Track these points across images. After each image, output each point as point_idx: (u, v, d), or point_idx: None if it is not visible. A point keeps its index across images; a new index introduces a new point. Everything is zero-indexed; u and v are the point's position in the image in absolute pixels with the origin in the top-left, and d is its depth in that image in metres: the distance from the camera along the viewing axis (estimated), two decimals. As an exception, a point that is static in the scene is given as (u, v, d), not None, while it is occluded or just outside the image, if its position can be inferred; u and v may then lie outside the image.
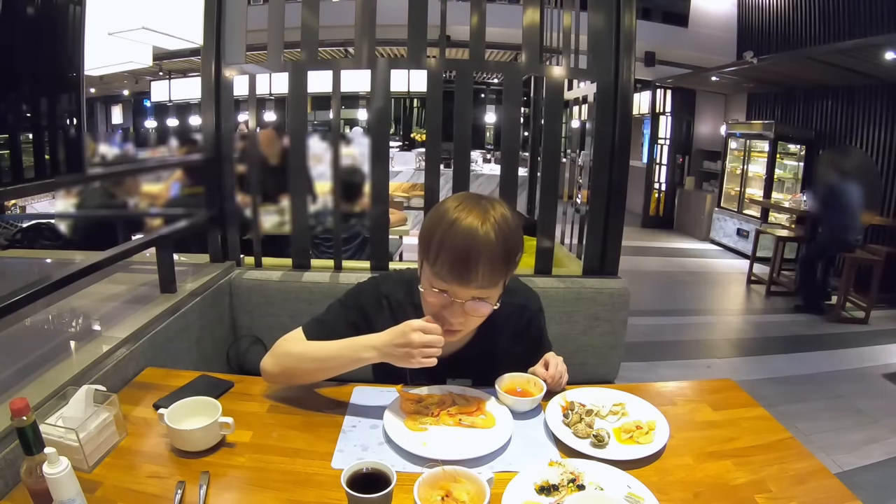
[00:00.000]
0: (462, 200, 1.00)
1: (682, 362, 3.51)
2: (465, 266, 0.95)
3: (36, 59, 1.26)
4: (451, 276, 0.96)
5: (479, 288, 0.98)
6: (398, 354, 0.99)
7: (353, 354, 1.03)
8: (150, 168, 2.43)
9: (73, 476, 0.75)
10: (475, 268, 0.95)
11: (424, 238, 1.01)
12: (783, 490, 0.89)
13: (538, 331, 1.26)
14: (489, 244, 0.95)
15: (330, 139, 1.80)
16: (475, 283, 0.97)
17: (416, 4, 1.70)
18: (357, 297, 1.18)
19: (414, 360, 0.97)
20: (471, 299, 0.99)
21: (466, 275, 0.95)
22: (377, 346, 1.01)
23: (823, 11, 5.86)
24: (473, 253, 0.94)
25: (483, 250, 0.94)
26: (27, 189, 1.31)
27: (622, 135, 1.75)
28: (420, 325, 0.97)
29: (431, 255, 0.98)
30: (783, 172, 6.52)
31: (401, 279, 1.20)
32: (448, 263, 0.95)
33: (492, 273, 0.97)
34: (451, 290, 0.99)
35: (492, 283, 0.99)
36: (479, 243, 0.94)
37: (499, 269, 0.98)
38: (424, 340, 0.96)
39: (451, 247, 0.95)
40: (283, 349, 1.12)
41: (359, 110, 10.49)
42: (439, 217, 0.99)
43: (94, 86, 10.65)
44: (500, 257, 0.97)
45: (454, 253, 0.95)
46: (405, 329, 0.98)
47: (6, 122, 1.18)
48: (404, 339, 0.97)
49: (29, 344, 1.28)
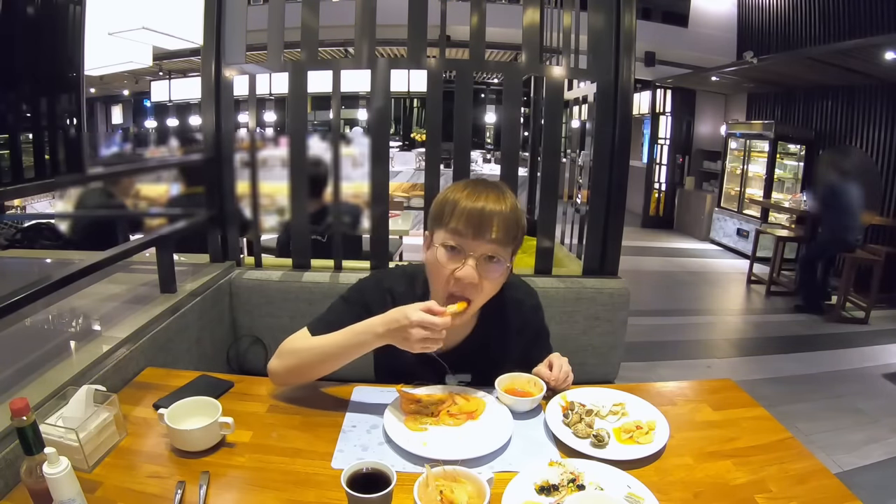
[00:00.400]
0: (472, 181, 1.09)
1: (682, 362, 3.51)
2: (480, 218, 1.00)
3: (36, 59, 1.26)
4: (467, 227, 1.00)
5: (493, 243, 1.01)
6: (396, 334, 0.98)
7: (356, 339, 1.03)
8: (150, 168, 2.43)
9: (73, 476, 0.75)
10: (490, 221, 1.00)
11: (437, 208, 1.06)
12: (783, 490, 0.89)
13: (537, 325, 1.26)
14: (502, 205, 1.02)
15: (330, 139, 1.80)
16: (490, 235, 1.00)
17: (416, 4, 1.70)
18: (360, 293, 1.19)
19: (411, 342, 0.96)
20: (484, 257, 1.01)
21: (482, 228, 1.00)
22: (378, 330, 1.00)
23: (823, 11, 5.86)
24: (487, 209, 1.00)
25: (496, 207, 1.01)
26: (27, 189, 1.31)
27: (622, 135, 1.75)
28: (418, 320, 0.95)
29: (446, 218, 1.03)
30: (783, 172, 6.52)
31: (403, 273, 1.21)
32: (465, 217, 1.00)
33: (505, 230, 1.02)
34: (466, 245, 1.01)
35: (505, 241, 1.02)
36: (492, 203, 1.01)
37: (511, 231, 1.03)
38: (422, 318, 0.94)
39: (467, 204, 1.01)
40: (289, 348, 1.12)
41: (359, 110, 10.49)
42: (451, 190, 1.06)
43: (94, 86, 10.65)
44: (511, 218, 1.02)
45: (470, 208, 1.00)
46: (404, 311, 0.97)
47: (6, 122, 1.18)
48: (404, 321, 0.96)
49: (29, 344, 1.28)
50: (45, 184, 1.32)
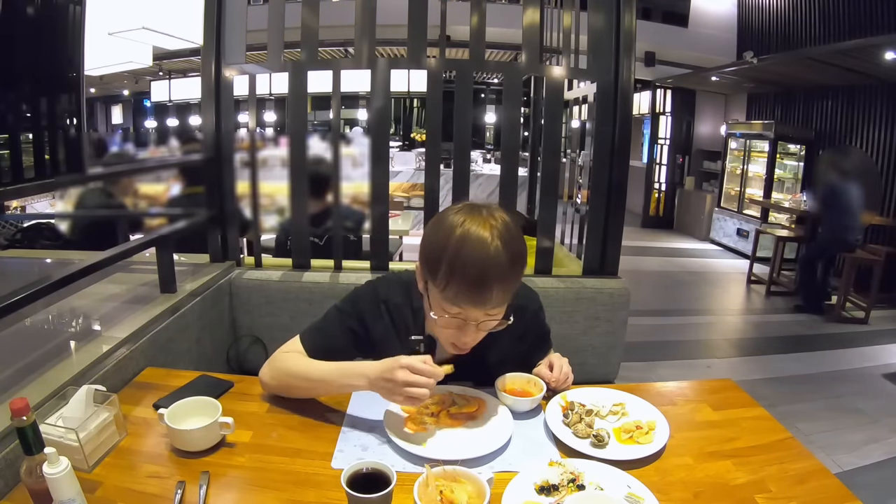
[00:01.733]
0: (464, 218, 0.96)
1: (682, 362, 3.51)
2: (479, 290, 0.93)
3: (36, 59, 1.26)
4: (466, 301, 0.95)
5: (494, 307, 0.98)
6: (384, 389, 0.96)
7: (345, 381, 1.03)
8: (150, 168, 2.43)
9: (73, 476, 0.75)
10: (489, 290, 0.93)
11: (431, 259, 0.97)
12: (783, 490, 0.89)
13: (539, 329, 1.26)
14: (500, 264, 0.92)
15: (330, 139, 1.80)
16: (490, 304, 0.96)
17: (416, 4, 1.70)
18: (355, 303, 1.17)
19: (397, 398, 0.96)
20: (484, 318, 0.99)
21: (481, 298, 0.94)
22: (368, 376, 0.98)
23: (823, 11, 5.86)
24: (486, 276, 0.92)
25: (495, 271, 0.92)
26: (27, 189, 1.31)
27: (622, 135, 1.75)
28: (407, 364, 0.94)
29: (441, 280, 0.95)
30: (783, 172, 6.52)
31: (399, 282, 1.19)
32: (463, 289, 0.93)
33: (505, 291, 0.97)
34: (465, 313, 0.98)
35: (505, 299, 0.99)
36: (491, 265, 0.92)
37: (511, 285, 0.98)
38: (408, 379, 0.93)
39: (463, 272, 0.92)
40: (281, 364, 1.11)
41: (359, 110, 10.49)
42: (444, 236, 0.95)
43: (94, 86, 10.66)
44: (511, 274, 0.96)
45: (468, 279, 0.92)
46: (392, 364, 0.95)
47: (6, 122, 1.18)
48: (390, 375, 0.94)
49: (29, 344, 1.28)
50: (45, 184, 1.32)
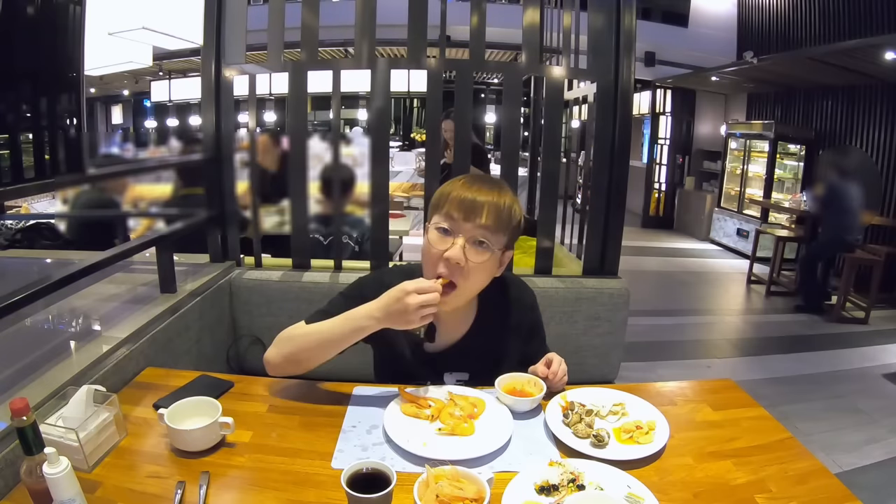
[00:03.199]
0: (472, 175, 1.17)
1: (682, 362, 3.51)
2: (472, 203, 1.05)
3: (36, 59, 1.26)
4: (458, 211, 1.05)
5: (483, 228, 1.04)
6: (397, 318, 1.00)
7: (353, 324, 1.04)
8: (150, 168, 2.43)
9: (73, 476, 0.75)
10: (481, 206, 1.05)
11: (435, 198, 1.11)
12: (783, 490, 0.89)
13: (533, 324, 1.27)
14: (494, 195, 1.07)
15: (330, 139, 1.80)
16: (479, 221, 1.04)
17: (416, 4, 1.70)
18: (360, 288, 1.19)
19: (413, 322, 0.99)
20: (473, 240, 1.04)
21: (472, 211, 1.04)
22: (375, 314, 1.02)
23: (823, 11, 5.86)
24: (480, 197, 1.05)
25: (489, 198, 1.06)
26: (27, 189, 1.31)
27: (622, 135, 1.75)
28: (415, 287, 0.98)
29: (441, 204, 1.08)
30: (783, 172, 6.51)
31: (402, 271, 1.21)
32: (457, 202, 1.05)
33: (496, 216, 1.05)
34: (456, 227, 1.05)
35: (495, 227, 1.05)
36: (486, 193, 1.06)
37: (502, 218, 1.06)
38: (420, 301, 0.97)
39: (462, 192, 1.06)
40: (285, 335, 1.13)
41: (359, 110, 10.50)
42: (451, 182, 1.12)
43: (94, 86, 10.66)
44: (504, 208, 1.07)
45: (463, 195, 1.06)
46: (399, 294, 0.99)
47: (6, 122, 1.19)
48: (401, 304, 0.98)
49: (29, 344, 1.28)
50: (45, 184, 1.32)
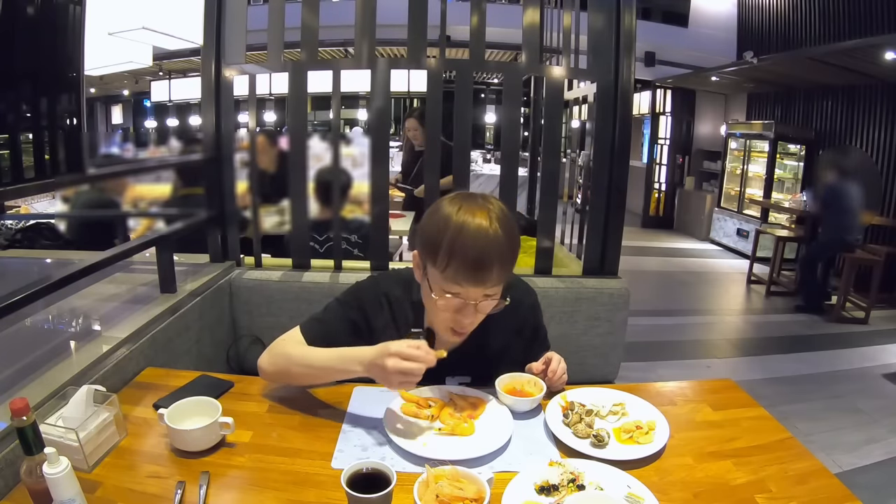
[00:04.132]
0: (461, 203, 1.00)
1: (682, 362, 3.51)
2: (480, 268, 0.97)
3: (36, 59, 1.26)
4: (465, 279, 0.98)
5: (493, 286, 1.01)
6: (376, 375, 0.98)
7: (342, 366, 1.04)
8: (150, 168, 2.42)
9: (73, 476, 0.75)
10: (490, 268, 0.97)
11: (430, 243, 1.00)
12: (783, 490, 0.89)
13: (534, 325, 1.27)
14: (499, 243, 0.97)
15: (330, 139, 1.80)
16: (490, 282, 1.00)
17: (416, 4, 1.69)
18: (356, 295, 1.19)
19: (392, 385, 0.98)
20: (483, 298, 1.02)
21: (482, 276, 0.98)
22: (362, 362, 1.00)
23: (823, 11, 5.86)
24: (486, 254, 0.96)
25: (495, 250, 0.97)
26: (27, 189, 1.31)
27: (622, 135, 1.75)
28: (397, 351, 0.95)
29: (441, 261, 0.98)
30: (783, 172, 6.52)
31: (399, 277, 1.21)
32: (463, 267, 0.97)
33: (503, 270, 1.00)
34: (464, 293, 1.00)
35: (503, 279, 1.03)
36: (490, 243, 0.96)
37: (508, 265, 1.02)
38: (398, 367, 0.94)
39: (464, 250, 0.96)
40: (280, 350, 1.12)
41: (359, 110, 10.49)
42: (443, 222, 0.99)
43: (94, 86, 10.65)
44: (508, 253, 1.00)
45: (468, 256, 0.96)
46: (382, 351, 0.96)
47: (6, 122, 1.18)
48: (381, 363, 0.96)
49: (29, 344, 1.28)
50: (45, 184, 1.32)
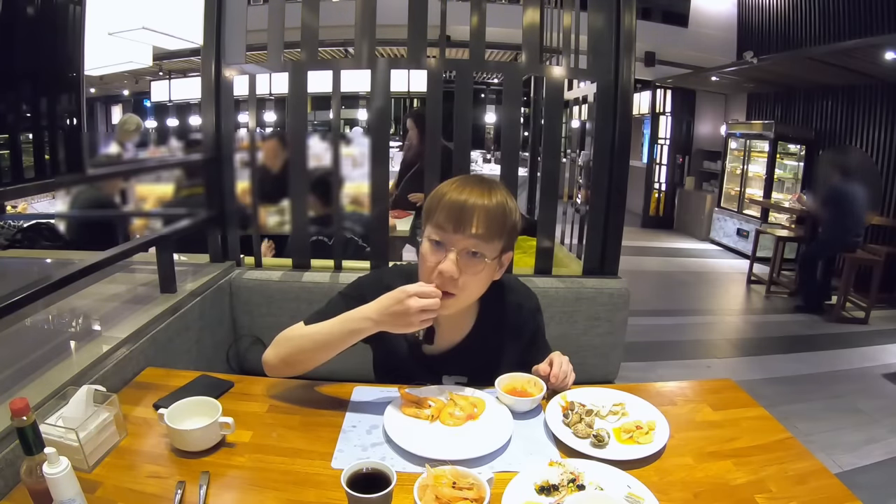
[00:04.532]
0: (464, 177, 1.12)
1: (682, 362, 3.51)
2: (461, 213, 1.01)
3: (36, 59, 1.26)
4: (447, 221, 1.02)
5: (474, 238, 1.01)
6: (396, 321, 0.99)
7: (350, 326, 1.04)
8: (151, 168, 2.42)
9: (73, 476, 0.75)
10: (471, 216, 1.01)
11: (428, 202, 1.07)
12: (783, 490, 0.89)
13: (535, 329, 1.26)
14: (485, 198, 1.03)
15: (330, 139, 1.80)
16: (470, 231, 1.01)
17: (416, 4, 1.70)
18: (359, 288, 1.19)
19: (413, 325, 0.98)
20: (465, 252, 1.02)
21: (462, 221, 1.01)
22: (372, 316, 1.01)
23: (823, 11, 5.86)
24: (470, 202, 1.02)
25: (479, 202, 1.02)
26: (27, 189, 1.31)
27: (622, 135, 1.75)
28: (416, 290, 0.98)
29: (433, 212, 1.04)
30: (783, 172, 6.51)
31: (401, 272, 1.22)
32: (446, 210, 1.02)
33: (487, 224, 1.01)
34: (448, 240, 1.02)
35: (487, 236, 1.02)
36: (476, 196, 1.03)
37: (494, 225, 1.03)
38: (421, 305, 0.97)
39: (451, 199, 1.03)
40: (283, 337, 1.13)
41: (359, 110, 10.48)
42: (441, 185, 1.09)
43: (94, 86, 10.63)
44: (496, 214, 1.03)
45: (452, 201, 1.02)
46: (400, 295, 0.98)
47: (6, 122, 1.19)
48: (401, 307, 0.97)
49: (29, 344, 1.28)
50: (45, 184, 1.32)
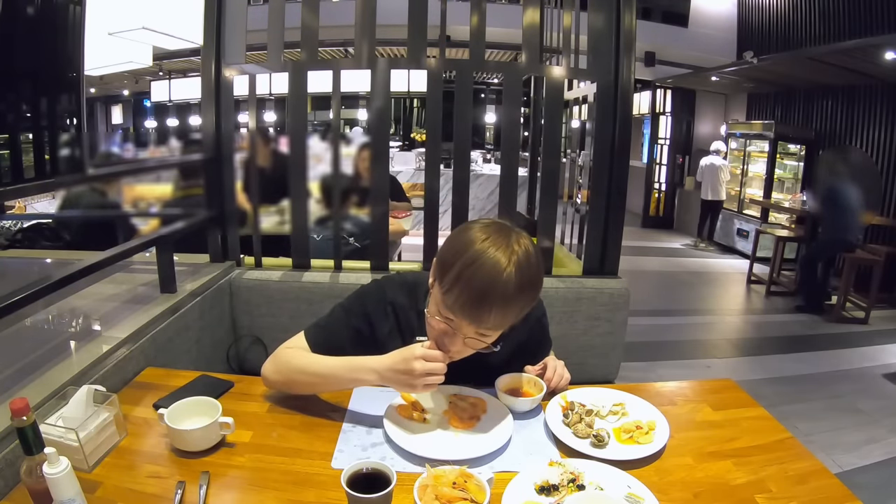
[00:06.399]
0: (490, 233, 0.94)
1: (682, 362, 3.51)
2: (478, 306, 0.91)
3: (36, 59, 1.26)
4: (462, 312, 0.93)
5: (487, 329, 0.96)
6: (400, 381, 0.97)
7: (353, 375, 1.03)
8: (151, 168, 2.42)
9: (73, 476, 0.75)
10: (488, 312, 0.91)
11: (443, 263, 0.96)
12: (783, 490, 0.89)
13: (540, 339, 1.25)
14: (507, 290, 0.90)
15: (330, 139, 1.80)
16: (484, 325, 0.94)
17: (416, 4, 1.70)
18: (361, 302, 1.17)
19: (416, 388, 0.96)
20: (474, 335, 0.97)
21: (478, 314, 0.92)
22: (378, 370, 0.99)
23: (823, 11, 5.87)
24: (488, 297, 0.90)
25: (499, 295, 0.90)
26: (27, 189, 1.31)
27: (622, 135, 1.75)
28: (423, 354, 0.95)
29: (446, 284, 0.93)
30: (783, 172, 6.52)
31: (404, 283, 1.19)
32: (462, 300, 0.91)
33: (502, 319, 0.94)
34: (457, 324, 0.96)
35: (501, 325, 0.96)
36: (496, 287, 0.90)
37: (510, 314, 0.95)
38: (426, 369, 0.94)
39: (469, 284, 0.90)
40: (285, 358, 1.11)
41: (359, 110, 10.50)
42: (463, 246, 0.93)
43: (94, 86, 10.66)
44: (514, 303, 0.93)
45: (470, 292, 0.90)
46: (407, 356, 0.96)
47: (6, 122, 1.19)
48: (406, 367, 0.95)
49: (29, 344, 1.28)
50: (45, 184, 1.32)
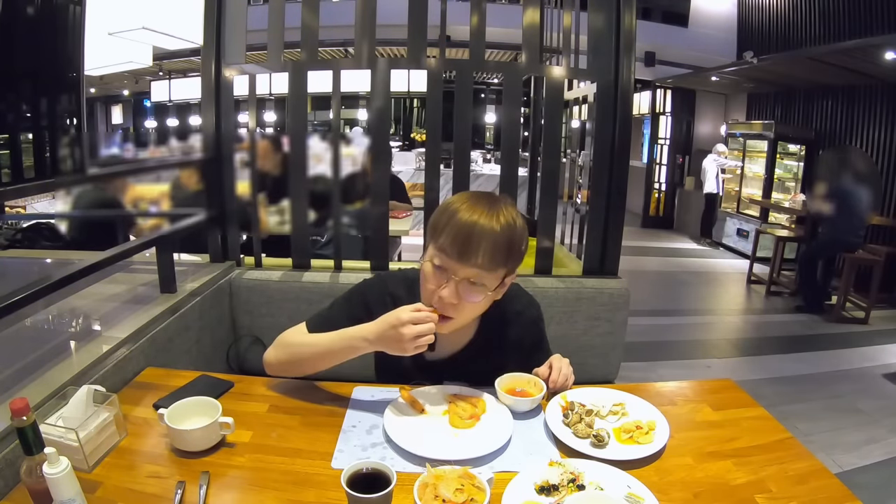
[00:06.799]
0: (473, 194, 1.07)
1: (682, 362, 3.51)
2: (466, 242, 0.98)
3: (36, 59, 1.26)
4: (451, 249, 0.99)
5: (477, 268, 1.00)
6: (391, 346, 1.00)
7: (347, 343, 1.06)
8: (150, 168, 2.43)
9: (73, 476, 0.75)
10: (476, 246, 0.98)
11: (433, 221, 1.05)
12: (783, 490, 0.89)
13: (535, 340, 1.25)
14: (493, 228, 0.99)
15: (330, 139, 1.80)
16: (474, 261, 0.99)
17: (416, 4, 1.70)
18: (362, 293, 1.20)
19: (407, 351, 0.99)
20: (466, 281, 1.01)
21: (467, 251, 0.98)
22: (369, 337, 1.02)
23: (823, 11, 5.87)
24: (476, 231, 0.98)
25: (486, 232, 0.99)
26: (27, 189, 1.31)
27: (622, 135, 1.75)
28: (409, 317, 0.98)
29: (437, 233, 1.02)
30: (783, 172, 6.52)
31: (404, 278, 1.22)
32: (451, 237, 0.99)
33: (491, 256, 0.99)
34: (450, 267, 1.01)
35: (490, 266, 1.00)
36: (483, 225, 0.99)
37: (499, 255, 1.00)
38: (415, 332, 0.97)
39: (457, 224, 1.00)
40: (284, 340, 1.15)
41: (359, 110, 10.50)
42: (449, 203, 1.05)
43: (94, 86, 10.66)
44: (502, 244, 1.00)
45: (458, 229, 0.99)
46: (395, 322, 0.98)
47: (6, 122, 1.19)
48: (395, 333, 0.98)
49: (29, 344, 1.28)
50: (45, 184, 1.32)
